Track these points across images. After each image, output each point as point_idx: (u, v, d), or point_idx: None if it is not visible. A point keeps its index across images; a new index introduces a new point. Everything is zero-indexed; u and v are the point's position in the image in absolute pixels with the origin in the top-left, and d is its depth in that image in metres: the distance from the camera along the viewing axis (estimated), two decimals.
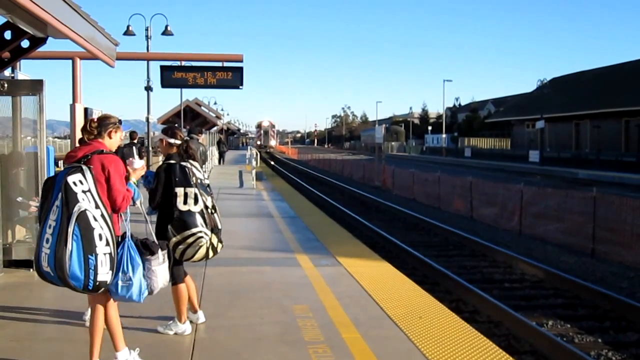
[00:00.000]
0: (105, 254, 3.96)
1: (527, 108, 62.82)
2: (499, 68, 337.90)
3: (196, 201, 5.09)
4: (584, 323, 8.20)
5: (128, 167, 4.58)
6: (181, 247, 5.07)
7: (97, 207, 3.99)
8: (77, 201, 3.91)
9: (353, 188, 28.58)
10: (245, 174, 22.90)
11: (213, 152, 36.85)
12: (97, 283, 3.94)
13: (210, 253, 5.23)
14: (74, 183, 3.95)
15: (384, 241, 14.26)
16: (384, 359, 4.82)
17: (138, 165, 4.70)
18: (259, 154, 37.08)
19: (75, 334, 5.24)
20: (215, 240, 5.22)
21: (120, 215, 4.37)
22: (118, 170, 4.25)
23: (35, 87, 7.88)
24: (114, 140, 4.51)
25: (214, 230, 5.20)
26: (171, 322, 5.39)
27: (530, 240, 14.75)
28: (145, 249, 4.38)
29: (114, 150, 4.49)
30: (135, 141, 15.11)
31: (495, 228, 16.74)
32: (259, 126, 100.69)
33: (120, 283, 4.17)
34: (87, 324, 4.76)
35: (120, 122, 4.68)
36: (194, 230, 5.05)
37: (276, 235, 11.23)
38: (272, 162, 59.29)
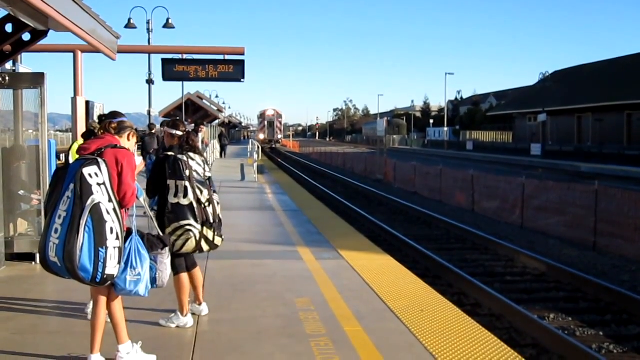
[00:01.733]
0: (115, 247, 3.96)
1: (529, 101, 62.72)
2: (501, 61, 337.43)
3: (185, 194, 5.13)
4: (586, 316, 8.20)
5: None
6: (172, 238, 5.14)
7: (110, 200, 4.00)
8: (92, 193, 3.91)
9: (355, 181, 28.57)
10: (246, 167, 22.89)
11: (215, 146, 36.84)
12: (105, 276, 3.94)
13: (205, 246, 5.26)
14: (90, 175, 3.95)
15: (386, 234, 14.26)
16: (386, 352, 4.83)
17: (136, 162, 4.73)
18: (260, 148, 36.26)
19: (78, 327, 5.25)
20: (210, 234, 5.25)
21: (126, 211, 4.38)
22: (130, 165, 4.27)
23: (36, 80, 7.87)
24: (131, 143, 4.58)
25: (205, 223, 5.21)
26: (173, 315, 5.40)
27: (532, 233, 14.75)
28: (160, 241, 4.44)
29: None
30: (154, 132, 15.30)
31: (497, 221, 16.74)
32: (261, 116, 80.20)
33: (128, 278, 4.18)
34: (90, 316, 4.77)
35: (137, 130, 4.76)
36: (182, 222, 5.11)
37: (278, 228, 11.23)
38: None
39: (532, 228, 15.21)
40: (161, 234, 4.69)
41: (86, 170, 3.96)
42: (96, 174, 3.98)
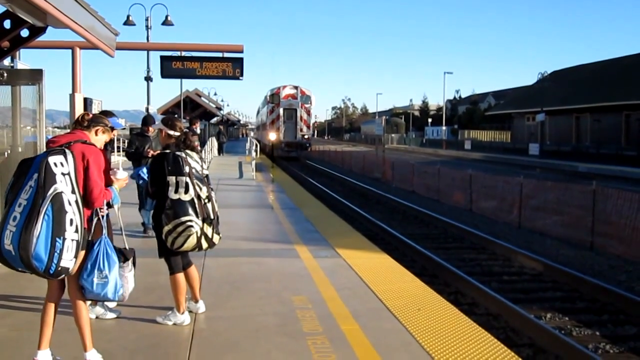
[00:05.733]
0: (72, 240, 3.88)
1: (528, 101, 62.76)
2: (499, 61, 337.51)
3: (187, 190, 5.10)
4: (583, 316, 8.22)
5: (111, 176, 4.59)
6: (172, 235, 5.10)
7: (73, 191, 3.93)
8: (55, 182, 3.84)
9: (353, 180, 28.57)
10: (244, 165, 22.88)
11: (212, 143, 36.82)
12: (60, 268, 3.85)
13: (204, 244, 5.22)
14: (55, 164, 3.90)
15: (384, 233, 14.27)
16: (383, 351, 4.83)
17: (121, 176, 4.67)
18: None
19: (75, 324, 5.23)
20: (209, 231, 5.22)
21: (98, 212, 4.28)
22: (97, 162, 4.20)
23: (34, 76, 7.87)
24: (99, 138, 4.51)
25: (206, 220, 5.19)
26: (170, 312, 5.40)
27: (530, 233, 14.76)
28: (121, 254, 4.33)
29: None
30: (149, 133, 15.08)
31: (494, 221, 16.75)
32: (272, 98, 43.85)
33: (95, 280, 4.13)
34: (90, 313, 4.76)
35: (112, 129, 4.67)
36: (183, 218, 5.06)
37: (275, 226, 11.22)
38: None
39: (530, 228, 15.22)
40: (127, 246, 4.53)
41: (52, 159, 3.90)
42: (61, 164, 3.92)
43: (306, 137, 43.35)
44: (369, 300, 6.32)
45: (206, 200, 5.22)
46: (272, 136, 42.44)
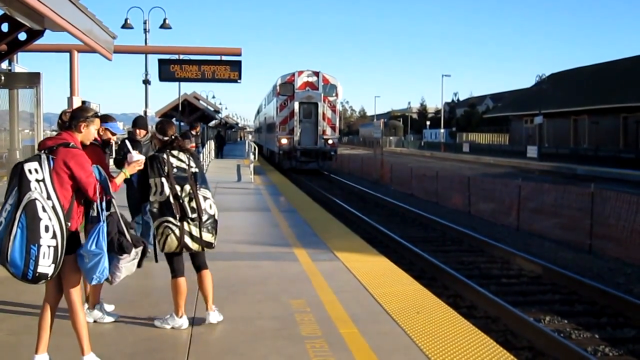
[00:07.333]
0: (49, 246, 3.87)
1: (526, 103, 62.81)
2: (497, 63, 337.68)
3: (162, 191, 5.08)
4: (581, 319, 8.21)
5: (126, 162, 4.60)
6: (158, 237, 5.13)
7: (49, 197, 3.91)
8: (29, 189, 3.86)
9: (351, 182, 28.57)
10: (243, 168, 22.86)
11: (211, 146, 36.79)
12: (37, 274, 3.88)
13: (193, 244, 5.14)
14: (29, 171, 3.91)
15: (382, 236, 14.26)
16: (382, 355, 4.82)
17: (132, 159, 4.60)
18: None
19: (72, 328, 5.21)
20: (194, 230, 5.13)
21: (97, 206, 4.20)
22: (81, 164, 4.09)
23: (32, 79, 7.88)
24: (85, 133, 4.33)
25: (184, 218, 5.09)
26: (168, 316, 5.38)
27: (528, 235, 14.75)
28: (120, 248, 4.28)
29: (87, 144, 4.38)
30: (141, 138, 14.86)
31: (493, 223, 16.75)
32: (284, 89, 32.46)
33: (82, 256, 4.11)
34: (87, 317, 4.74)
35: (96, 114, 4.46)
36: (160, 219, 5.09)
37: (274, 229, 11.21)
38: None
39: (528, 230, 15.22)
40: (129, 239, 4.38)
41: (27, 166, 3.92)
42: (36, 170, 3.92)
43: (330, 142, 32.35)
44: (367, 303, 6.31)
45: (186, 199, 5.12)
46: (283, 141, 31.93)
